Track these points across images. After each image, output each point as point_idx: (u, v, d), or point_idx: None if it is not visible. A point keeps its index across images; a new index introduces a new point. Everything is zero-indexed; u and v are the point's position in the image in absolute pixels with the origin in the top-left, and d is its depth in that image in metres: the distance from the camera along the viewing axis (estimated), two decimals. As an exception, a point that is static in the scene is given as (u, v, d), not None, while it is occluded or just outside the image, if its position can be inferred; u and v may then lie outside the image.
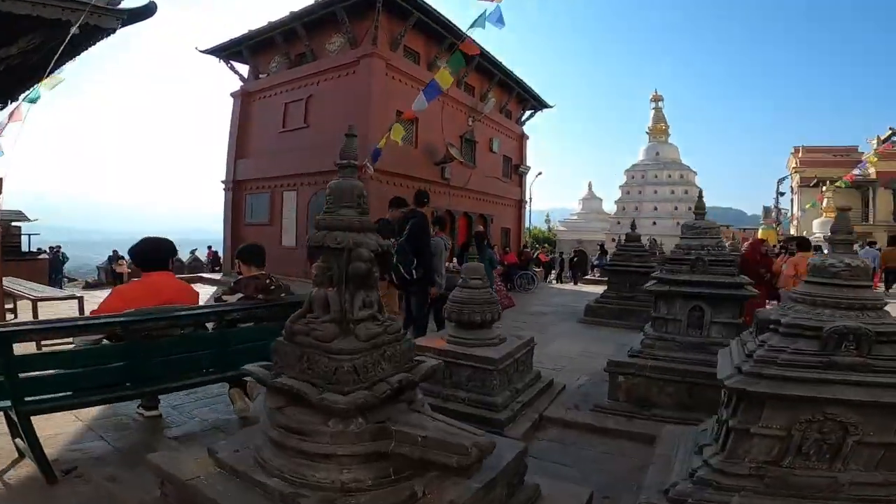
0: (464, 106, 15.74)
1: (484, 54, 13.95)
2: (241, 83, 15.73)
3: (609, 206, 31.85)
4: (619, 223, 25.40)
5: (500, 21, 7.58)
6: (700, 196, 4.73)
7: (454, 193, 15.46)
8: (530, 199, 21.86)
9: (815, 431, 1.88)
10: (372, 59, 11.99)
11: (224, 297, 4.17)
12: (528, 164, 20.43)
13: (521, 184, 20.23)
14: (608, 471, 3.28)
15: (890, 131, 27.95)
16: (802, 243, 7.73)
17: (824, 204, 26.37)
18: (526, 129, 20.30)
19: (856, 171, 25.06)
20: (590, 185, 32.77)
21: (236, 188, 15.35)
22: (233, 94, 15.54)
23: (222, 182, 15.74)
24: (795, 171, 32.96)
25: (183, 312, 3.55)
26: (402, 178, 13.46)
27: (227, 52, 15.38)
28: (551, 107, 20.24)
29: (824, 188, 26.65)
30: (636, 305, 9.45)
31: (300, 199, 13.86)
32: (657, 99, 25.82)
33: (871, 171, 27.13)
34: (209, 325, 3.86)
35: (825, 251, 2.29)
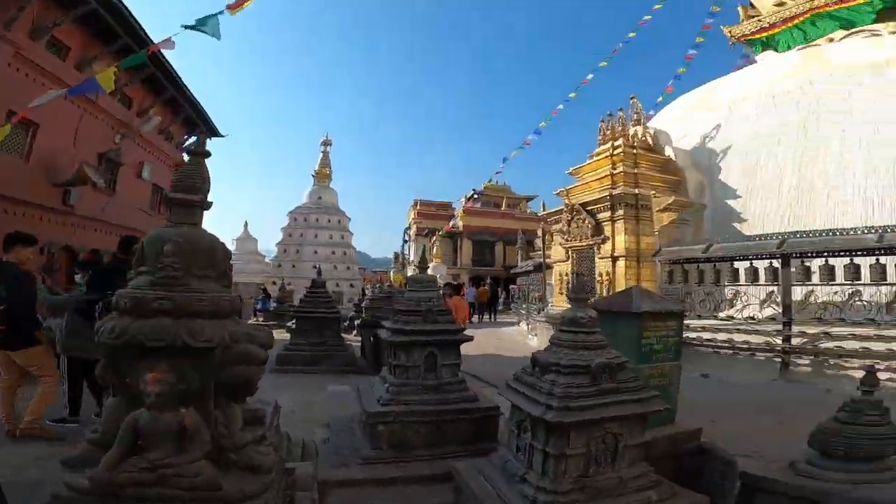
0: (113, 119, 12.66)
1: (163, 63, 11.87)
2: None
3: (265, 247, 31.45)
4: (280, 266, 25.30)
5: (217, 30, 6.74)
6: (423, 252, 5.49)
7: (81, 224, 12.16)
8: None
9: (601, 443, 2.60)
10: (-6, 43, 8.38)
11: None
12: (184, 197, 18.01)
13: (173, 219, 17.55)
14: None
15: (472, 192, 38.73)
16: (456, 288, 9.97)
17: (433, 251, 33.90)
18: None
19: (451, 224, 33.57)
20: (245, 225, 31.51)
21: None
22: None
23: None
24: (414, 222, 41.31)
25: None
26: (-6, 199, 9.72)
27: None
28: (223, 135, 18.64)
29: (434, 238, 34.36)
30: (326, 350, 9.76)
31: None
32: (327, 143, 27.50)
33: (460, 223, 36.84)
34: None
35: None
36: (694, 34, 22.54)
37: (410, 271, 38.73)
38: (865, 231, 7.52)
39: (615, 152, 11.49)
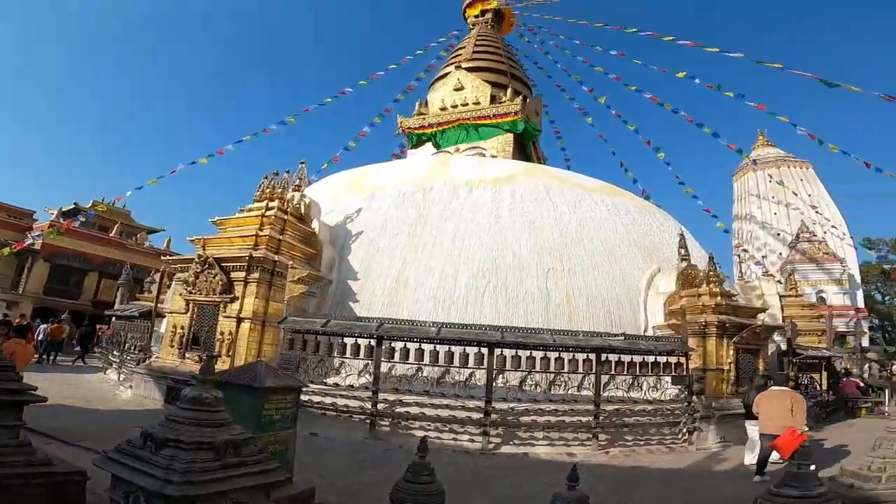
0: None
1: None
2: None
3: None
4: None
5: None
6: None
7: None
8: None
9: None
10: None
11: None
12: None
13: None
14: None
15: (73, 205, 30.10)
16: (21, 331, 7.69)
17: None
18: None
19: (31, 239, 25.04)
20: None
21: None
22: None
23: None
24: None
25: None
26: None
27: None
28: None
29: (-10, 251, 24.58)
30: None
31: None
32: None
33: (40, 241, 27.76)
34: None
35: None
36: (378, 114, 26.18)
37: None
38: (431, 325, 10.23)
39: (267, 213, 11.71)
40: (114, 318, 15.95)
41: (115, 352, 14.54)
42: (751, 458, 8.29)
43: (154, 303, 13.80)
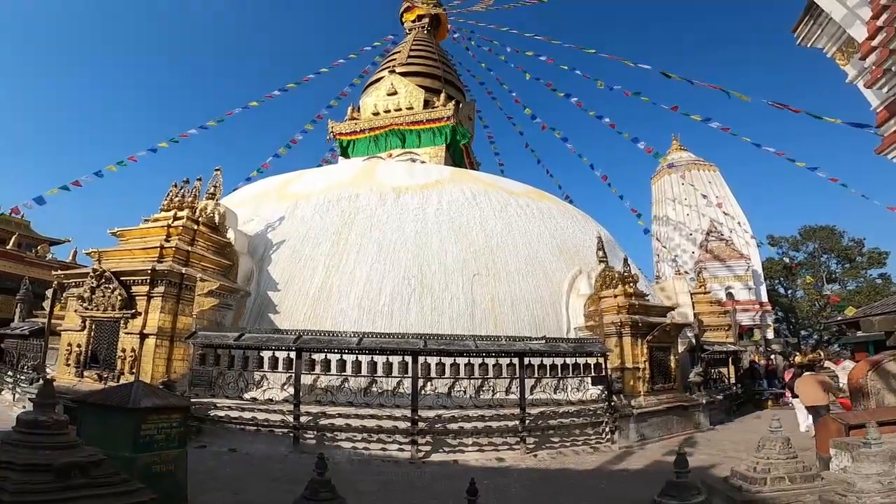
0: None
1: None
2: None
3: None
4: None
5: None
6: None
7: None
8: None
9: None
10: None
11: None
12: None
13: None
14: None
15: None
16: None
17: None
18: None
19: None
20: None
21: None
22: None
23: None
24: None
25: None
26: None
27: None
28: None
29: None
30: None
31: None
32: None
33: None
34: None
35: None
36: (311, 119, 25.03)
37: None
38: (352, 335, 9.98)
39: (174, 223, 11.01)
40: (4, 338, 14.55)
41: (8, 372, 13.54)
42: (805, 426, 11.43)
43: (48, 319, 12.59)
